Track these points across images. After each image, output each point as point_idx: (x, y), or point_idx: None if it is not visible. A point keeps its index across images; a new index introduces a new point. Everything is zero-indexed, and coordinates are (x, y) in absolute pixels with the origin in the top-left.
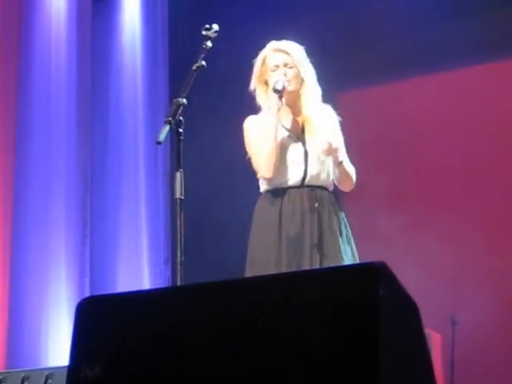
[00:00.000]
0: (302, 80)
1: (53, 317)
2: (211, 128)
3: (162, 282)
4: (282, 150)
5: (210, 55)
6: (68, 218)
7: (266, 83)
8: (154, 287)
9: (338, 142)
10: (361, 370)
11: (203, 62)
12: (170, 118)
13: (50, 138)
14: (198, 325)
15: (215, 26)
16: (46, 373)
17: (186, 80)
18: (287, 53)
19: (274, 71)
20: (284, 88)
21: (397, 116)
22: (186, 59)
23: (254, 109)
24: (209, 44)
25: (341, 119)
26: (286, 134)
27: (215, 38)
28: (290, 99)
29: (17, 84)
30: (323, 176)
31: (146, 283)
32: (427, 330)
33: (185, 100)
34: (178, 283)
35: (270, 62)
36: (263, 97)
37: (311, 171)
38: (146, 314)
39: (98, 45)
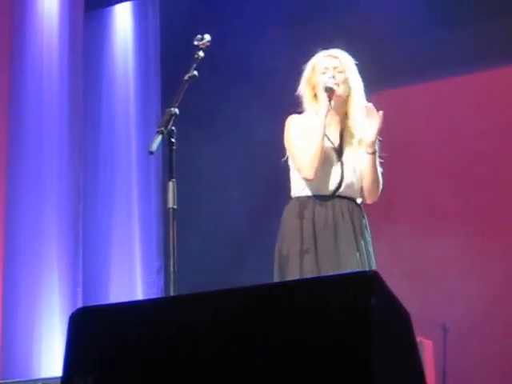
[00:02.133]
0: (350, 88)
1: (45, 327)
2: (202, 137)
3: (155, 292)
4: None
5: (202, 65)
6: (60, 227)
7: (314, 88)
8: (147, 296)
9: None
10: (353, 378)
11: (195, 72)
12: (162, 128)
13: (42, 148)
14: (192, 335)
15: (207, 36)
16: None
17: (178, 90)
18: (337, 58)
19: (323, 73)
20: (333, 89)
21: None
22: (179, 68)
23: (246, 117)
24: (201, 54)
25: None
26: (326, 140)
27: (207, 48)
28: (337, 103)
29: (9, 94)
30: (356, 188)
31: (139, 292)
32: (419, 338)
33: (177, 110)
34: (171, 293)
35: (320, 66)
36: (310, 101)
37: (346, 182)
38: (140, 324)
39: (90, 55)
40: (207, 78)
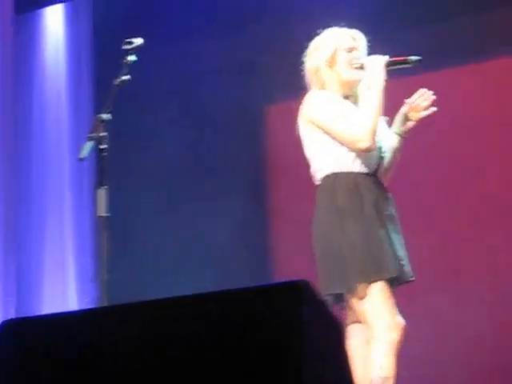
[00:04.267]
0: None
1: None
2: (136, 142)
3: (89, 300)
4: None
5: (135, 69)
6: None
7: (333, 66)
8: (81, 305)
9: None
10: None
11: (126, 77)
12: (93, 134)
13: None
14: (118, 347)
15: (137, 40)
16: None
17: (109, 95)
18: (355, 40)
19: (348, 52)
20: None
21: None
22: (113, 73)
23: (178, 121)
24: (131, 58)
25: None
26: None
27: (138, 51)
28: (355, 86)
29: None
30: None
31: (73, 301)
32: None
33: (108, 115)
34: (104, 302)
35: (345, 44)
36: (333, 81)
37: (383, 161)
38: (68, 336)
39: (20, 59)
40: (151, 80)
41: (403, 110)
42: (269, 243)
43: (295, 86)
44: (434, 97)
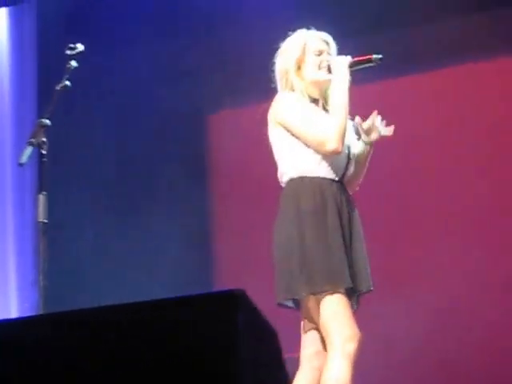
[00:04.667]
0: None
1: None
2: (75, 148)
3: (29, 306)
4: None
5: (76, 73)
6: None
7: (301, 68)
8: (21, 309)
9: None
10: None
11: (67, 82)
12: (33, 140)
13: None
14: (40, 358)
15: (79, 46)
16: None
17: (51, 101)
18: (328, 44)
19: (317, 55)
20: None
21: None
22: (57, 77)
23: (116, 127)
24: (73, 64)
25: None
26: None
27: (80, 57)
28: (326, 87)
29: None
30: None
31: (13, 306)
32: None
33: (48, 121)
34: (41, 308)
35: (313, 47)
36: (299, 81)
37: (351, 168)
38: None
39: None
40: (91, 85)
41: (365, 125)
42: (212, 249)
43: (239, 94)
44: (383, 123)
